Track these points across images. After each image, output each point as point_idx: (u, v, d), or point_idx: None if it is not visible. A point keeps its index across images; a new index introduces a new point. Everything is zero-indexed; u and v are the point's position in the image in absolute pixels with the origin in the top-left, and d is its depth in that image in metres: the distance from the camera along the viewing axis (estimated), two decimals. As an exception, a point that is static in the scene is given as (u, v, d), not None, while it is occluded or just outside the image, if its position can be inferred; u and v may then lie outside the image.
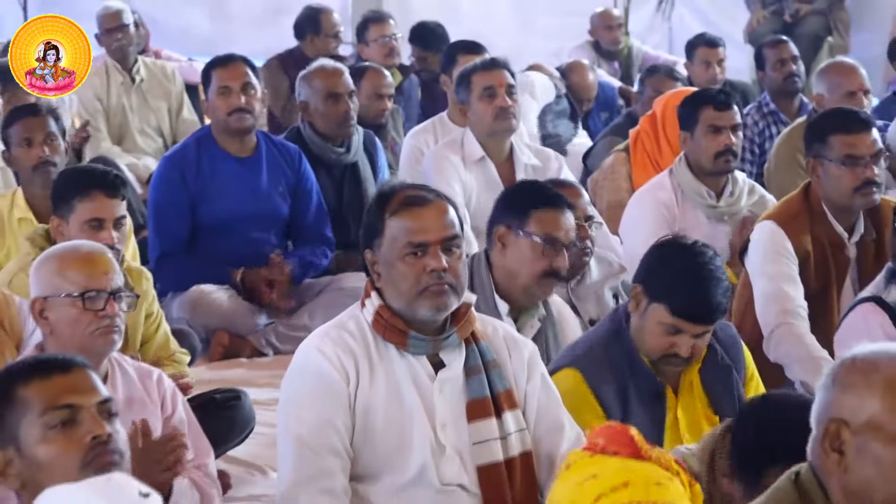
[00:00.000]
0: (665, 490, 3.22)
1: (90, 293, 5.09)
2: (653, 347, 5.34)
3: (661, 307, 5.28)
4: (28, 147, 7.64)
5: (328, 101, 8.84)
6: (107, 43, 11.37)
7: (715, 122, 7.69)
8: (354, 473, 4.87)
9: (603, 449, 3.30)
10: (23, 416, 3.79)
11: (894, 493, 3.54)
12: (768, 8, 13.99)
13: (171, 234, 8.30)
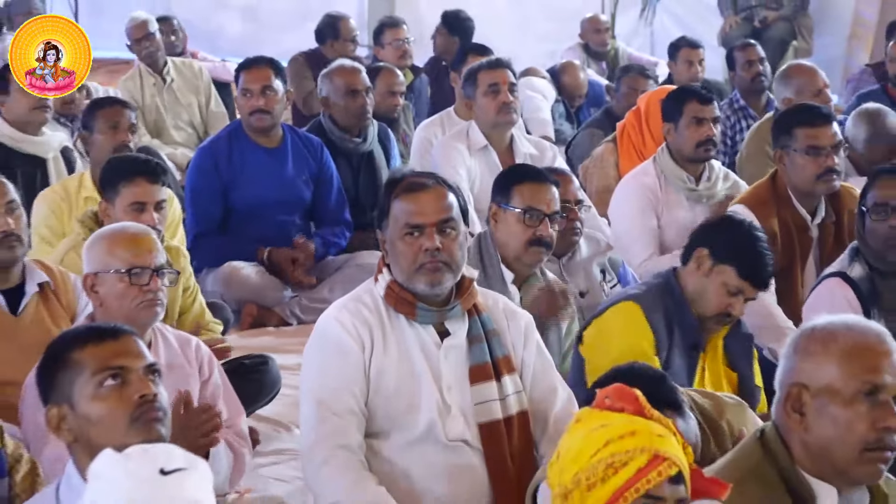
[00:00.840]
0: (665, 441, 3.25)
1: (136, 270, 5.10)
2: (712, 305, 5.39)
3: (729, 269, 5.33)
4: (113, 131, 7.62)
5: (347, 97, 8.85)
6: (137, 50, 11.37)
7: (698, 114, 7.70)
8: (369, 431, 4.88)
9: (610, 406, 3.32)
10: (77, 376, 3.79)
11: (849, 449, 3.56)
12: (740, 14, 13.98)
13: (206, 216, 8.30)
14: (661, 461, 3.21)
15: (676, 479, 3.22)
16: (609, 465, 3.21)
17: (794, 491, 3.61)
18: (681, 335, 5.40)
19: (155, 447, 3.07)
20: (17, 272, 5.73)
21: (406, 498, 4.81)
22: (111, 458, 3.05)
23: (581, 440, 3.28)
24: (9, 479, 4.32)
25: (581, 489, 3.23)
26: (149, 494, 2.94)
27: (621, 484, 3.19)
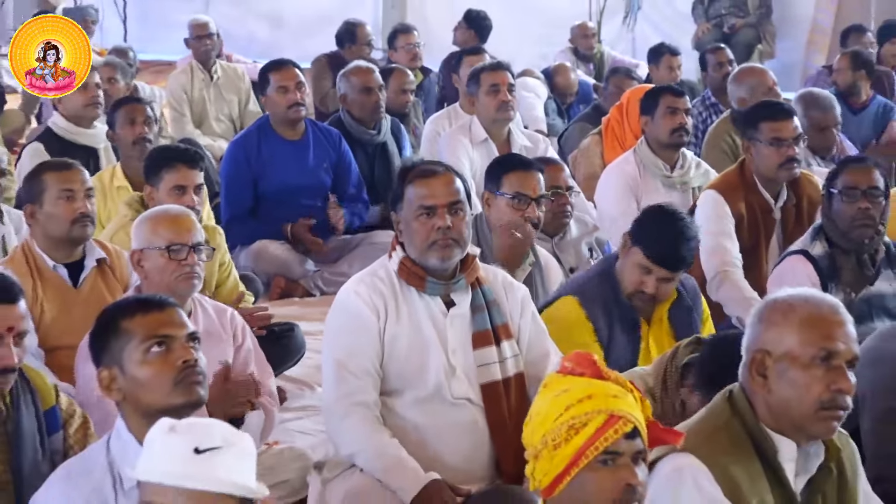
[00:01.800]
0: (620, 401, 3.24)
1: (174, 246, 5.11)
2: (627, 283, 5.36)
3: (638, 249, 5.31)
4: (131, 126, 7.63)
5: (362, 94, 8.88)
6: (195, 46, 11.37)
7: (672, 104, 7.73)
8: (383, 389, 4.88)
9: (571, 371, 3.31)
10: (126, 343, 3.78)
11: (806, 408, 3.56)
12: (711, 21, 13.99)
13: (238, 201, 8.32)
14: (617, 420, 3.20)
15: (632, 435, 3.21)
16: (570, 426, 3.20)
17: (758, 444, 3.61)
18: (620, 316, 5.38)
19: (199, 424, 3.09)
20: (80, 249, 5.75)
21: (416, 449, 4.81)
22: (160, 430, 3.06)
23: (547, 404, 3.27)
24: (63, 433, 4.31)
25: (548, 449, 3.22)
26: (181, 470, 2.95)
27: (582, 443, 3.18)
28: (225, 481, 2.97)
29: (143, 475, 2.95)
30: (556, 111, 11.33)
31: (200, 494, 2.95)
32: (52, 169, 5.83)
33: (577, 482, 3.20)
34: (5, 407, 4.23)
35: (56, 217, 5.67)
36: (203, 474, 2.95)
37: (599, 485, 3.19)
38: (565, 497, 3.22)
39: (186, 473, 2.95)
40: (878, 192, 5.89)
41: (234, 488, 2.97)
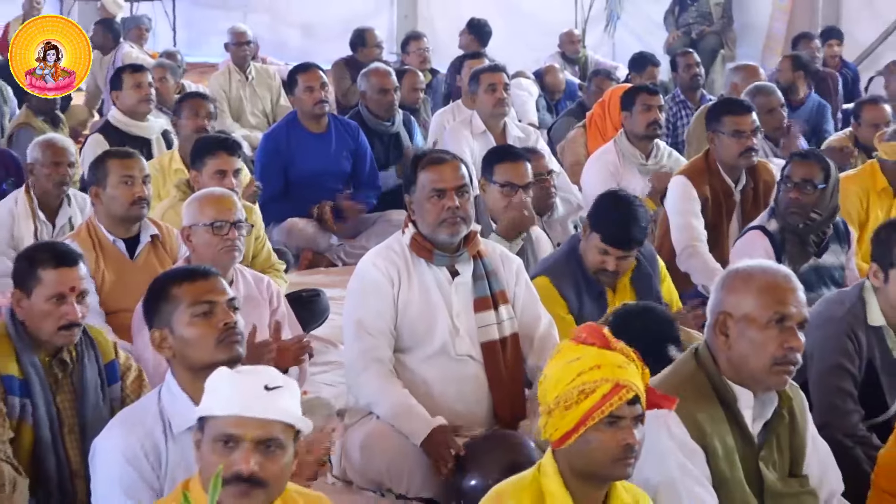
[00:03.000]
0: (625, 371, 3.26)
1: (218, 223, 5.10)
2: (590, 262, 5.34)
3: (597, 235, 5.29)
4: (195, 117, 7.63)
5: (380, 94, 8.86)
6: (234, 51, 11.35)
7: (647, 102, 7.73)
8: (396, 347, 4.88)
9: (584, 340, 3.33)
10: (175, 307, 3.78)
11: (762, 363, 3.57)
12: (680, 29, 13.96)
13: (271, 184, 8.29)
14: (621, 388, 3.22)
15: (633, 401, 3.23)
16: (581, 391, 3.22)
17: (721, 394, 3.62)
18: (587, 289, 5.36)
19: (260, 368, 3.14)
20: (136, 226, 5.75)
21: (425, 399, 4.81)
22: (226, 375, 3.07)
23: (560, 369, 3.29)
24: (121, 384, 4.32)
25: (560, 409, 3.24)
26: (256, 403, 2.98)
27: (590, 406, 3.20)
28: (288, 413, 3.02)
29: (222, 409, 2.96)
30: (545, 107, 11.31)
31: (271, 423, 2.98)
32: (115, 157, 5.84)
33: (583, 439, 3.22)
34: (71, 360, 4.24)
35: (117, 199, 5.67)
36: (273, 407, 2.99)
37: (603, 443, 3.22)
38: (572, 450, 3.25)
39: (261, 406, 2.98)
40: (810, 185, 5.84)
41: (294, 420, 3.02)
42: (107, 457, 3.60)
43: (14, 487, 3.94)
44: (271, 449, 2.99)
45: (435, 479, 4.74)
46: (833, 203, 5.95)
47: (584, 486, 3.27)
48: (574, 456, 3.24)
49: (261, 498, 2.99)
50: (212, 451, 2.99)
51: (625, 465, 3.23)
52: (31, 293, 4.18)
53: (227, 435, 2.98)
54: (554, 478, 3.26)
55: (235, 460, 2.95)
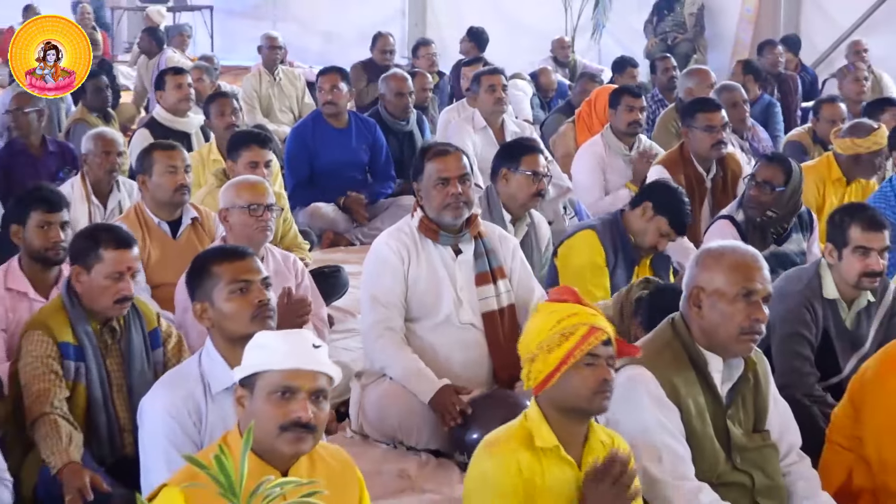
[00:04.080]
0: (598, 318, 3.27)
1: (253, 205, 5.08)
2: (648, 241, 5.35)
3: (664, 220, 5.30)
4: (222, 116, 7.64)
5: (397, 97, 8.86)
6: (267, 55, 11.30)
7: (630, 103, 7.69)
8: (407, 317, 4.87)
9: (558, 299, 3.33)
10: (215, 284, 3.76)
11: (730, 332, 3.57)
12: (658, 37, 13.96)
13: (298, 174, 8.31)
14: (597, 330, 3.23)
15: (607, 342, 3.25)
16: (561, 334, 3.22)
17: (694, 359, 3.61)
18: (623, 254, 5.36)
19: (301, 331, 3.14)
20: (179, 210, 5.74)
21: (432, 362, 4.81)
22: (273, 335, 3.06)
23: (541, 320, 3.29)
24: (163, 349, 4.32)
25: (543, 352, 3.23)
26: (310, 358, 2.98)
27: (571, 347, 3.21)
28: (331, 367, 3.02)
29: (279, 364, 2.94)
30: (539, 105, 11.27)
31: (320, 376, 2.98)
32: (159, 149, 5.83)
33: (564, 378, 3.22)
34: (119, 328, 4.24)
35: (162, 186, 5.66)
36: (321, 361, 2.99)
37: (583, 380, 3.21)
38: (555, 390, 3.24)
39: (314, 361, 2.97)
40: (769, 186, 5.78)
41: (335, 373, 3.02)
42: (153, 414, 3.60)
43: (70, 440, 3.94)
44: (319, 399, 2.98)
45: (441, 433, 4.76)
46: (791, 204, 5.86)
47: (567, 423, 3.26)
48: (557, 395, 3.24)
49: (311, 443, 2.98)
50: (267, 402, 2.95)
51: (603, 398, 3.23)
52: (90, 270, 4.17)
53: (286, 387, 2.94)
54: (538, 419, 3.26)
55: (294, 409, 2.92)
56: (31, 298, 4.74)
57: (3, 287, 4.76)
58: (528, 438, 3.25)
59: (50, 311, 4.21)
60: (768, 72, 10.84)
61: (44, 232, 4.77)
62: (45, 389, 4.02)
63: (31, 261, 4.81)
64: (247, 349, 3.02)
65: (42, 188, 5.10)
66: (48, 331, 4.11)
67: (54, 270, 4.83)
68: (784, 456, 3.76)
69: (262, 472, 2.71)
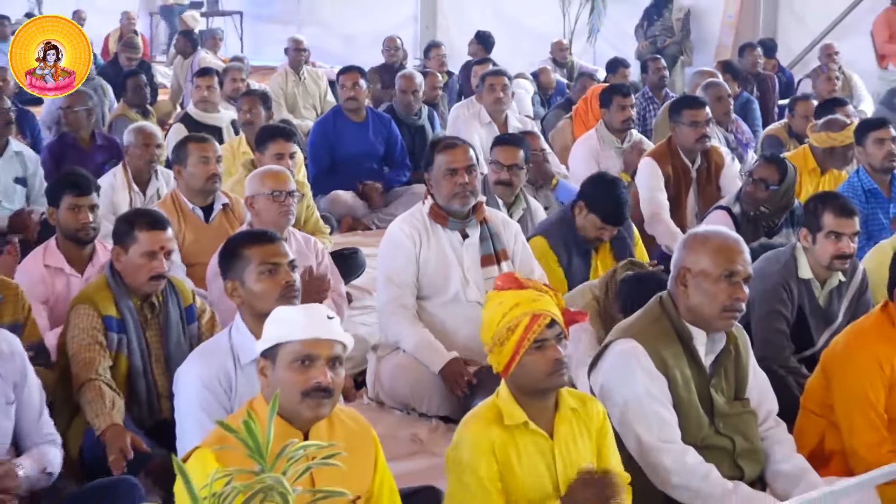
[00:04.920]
0: (539, 303, 3.23)
1: (276, 192, 5.08)
2: (591, 234, 5.28)
3: (596, 217, 5.23)
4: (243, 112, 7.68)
5: (405, 95, 8.90)
6: (293, 56, 11.25)
7: (621, 102, 7.65)
8: (418, 295, 4.89)
9: (501, 287, 3.30)
10: (246, 265, 3.75)
11: (713, 310, 3.55)
12: (648, 39, 13.89)
13: (320, 164, 8.31)
14: (539, 317, 3.19)
15: (551, 325, 3.21)
16: (508, 328, 3.20)
17: (680, 333, 3.59)
18: (576, 249, 5.30)
19: (315, 305, 3.12)
20: (211, 196, 5.73)
21: (441, 337, 4.82)
22: (291, 309, 3.06)
23: (490, 314, 3.26)
24: (197, 323, 4.31)
25: (497, 345, 3.22)
26: (327, 328, 2.97)
27: (518, 338, 3.18)
28: (345, 335, 3.02)
29: (299, 335, 2.94)
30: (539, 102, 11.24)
31: (336, 344, 2.98)
32: (193, 141, 5.83)
33: (521, 365, 3.20)
34: (158, 303, 4.24)
35: (195, 175, 5.66)
36: (336, 331, 2.98)
37: (536, 364, 3.20)
38: (516, 375, 3.23)
39: (330, 330, 2.97)
40: (764, 184, 5.74)
41: (348, 340, 3.02)
42: (188, 382, 3.60)
43: (113, 405, 3.94)
44: (336, 365, 2.97)
45: (450, 401, 4.76)
46: (784, 202, 5.81)
47: (533, 400, 3.24)
48: (518, 379, 3.22)
49: (330, 406, 2.97)
50: (289, 370, 2.93)
51: (559, 375, 3.21)
52: (128, 250, 4.18)
53: (305, 355, 2.93)
54: (507, 399, 3.24)
55: (314, 375, 2.92)
56: (67, 274, 4.78)
57: (42, 263, 4.79)
58: (498, 417, 3.23)
59: (96, 287, 4.22)
60: (748, 72, 10.82)
61: (74, 214, 4.79)
62: (90, 358, 4.02)
63: (65, 240, 4.84)
64: (267, 323, 3.01)
65: (73, 173, 5.09)
66: (94, 305, 4.11)
67: (88, 248, 4.86)
68: (762, 422, 3.74)
69: (286, 435, 2.71)
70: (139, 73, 9.79)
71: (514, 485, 3.19)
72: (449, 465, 3.25)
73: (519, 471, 3.19)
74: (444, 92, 10.75)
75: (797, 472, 3.67)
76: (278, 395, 2.37)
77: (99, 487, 3.59)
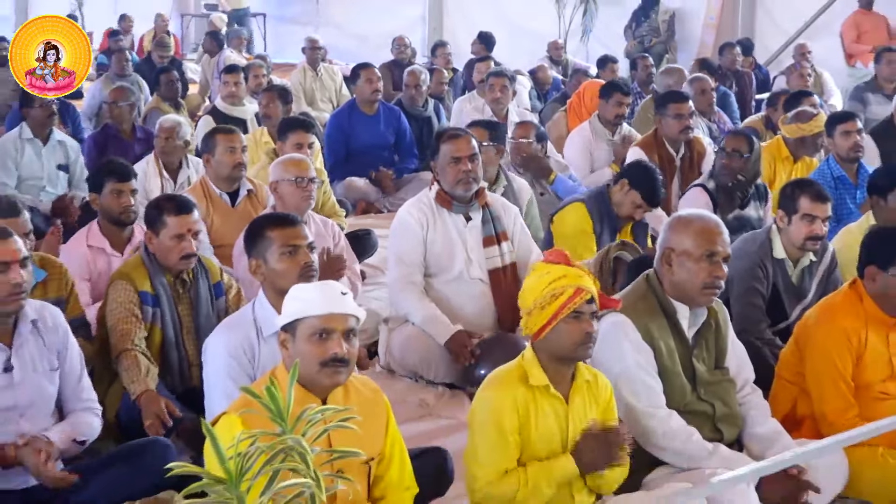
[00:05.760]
0: (583, 280, 3.23)
1: (298, 178, 5.06)
2: (627, 211, 5.27)
3: (637, 194, 5.23)
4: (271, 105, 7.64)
5: (406, 87, 8.92)
6: (309, 54, 11.21)
7: (619, 100, 7.65)
8: (426, 273, 4.87)
9: (551, 261, 3.28)
10: (269, 245, 3.73)
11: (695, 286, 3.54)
12: (636, 40, 13.86)
13: (336, 153, 8.27)
14: (582, 291, 3.18)
15: (590, 301, 3.21)
16: (552, 294, 3.18)
17: (665, 308, 3.58)
18: (607, 222, 5.31)
19: (330, 282, 3.10)
20: (237, 183, 5.71)
21: (447, 311, 4.80)
22: (308, 287, 3.05)
23: (536, 280, 3.25)
24: (224, 298, 4.30)
25: (537, 308, 3.20)
26: (341, 303, 2.96)
27: (560, 305, 3.17)
28: (358, 309, 3.00)
29: (317, 310, 2.92)
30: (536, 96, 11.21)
31: (350, 317, 2.96)
32: (221, 132, 5.80)
33: (555, 331, 3.19)
34: (189, 280, 4.23)
35: (223, 164, 5.64)
36: (350, 305, 2.97)
37: (570, 333, 3.19)
38: (547, 340, 3.22)
39: (344, 305, 2.96)
40: (738, 153, 5.76)
41: (361, 314, 3.01)
42: (215, 352, 3.59)
43: (148, 372, 3.94)
44: (350, 337, 2.96)
45: (455, 369, 4.75)
46: (755, 169, 5.86)
47: (556, 366, 3.24)
48: (549, 344, 3.21)
49: (346, 375, 2.96)
50: (308, 343, 2.92)
51: (586, 347, 3.21)
52: (159, 233, 4.17)
53: (323, 329, 2.92)
54: (532, 362, 3.24)
55: (331, 347, 2.90)
56: (108, 253, 4.78)
57: (86, 244, 4.80)
58: (523, 377, 3.23)
59: (132, 265, 4.21)
60: (728, 69, 10.78)
61: (116, 198, 4.79)
62: (127, 330, 4.02)
63: (107, 223, 4.84)
64: (286, 300, 3.00)
65: (113, 162, 5.09)
66: (131, 281, 4.11)
67: (127, 230, 4.86)
68: (740, 389, 3.73)
69: (306, 401, 2.70)
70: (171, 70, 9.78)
71: (529, 440, 3.20)
72: (473, 416, 3.25)
73: (535, 428, 3.20)
74: (449, 87, 10.73)
75: (772, 435, 3.66)
76: (298, 364, 2.37)
77: (135, 447, 3.59)
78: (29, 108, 7.00)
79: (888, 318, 3.90)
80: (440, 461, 3.53)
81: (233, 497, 2.02)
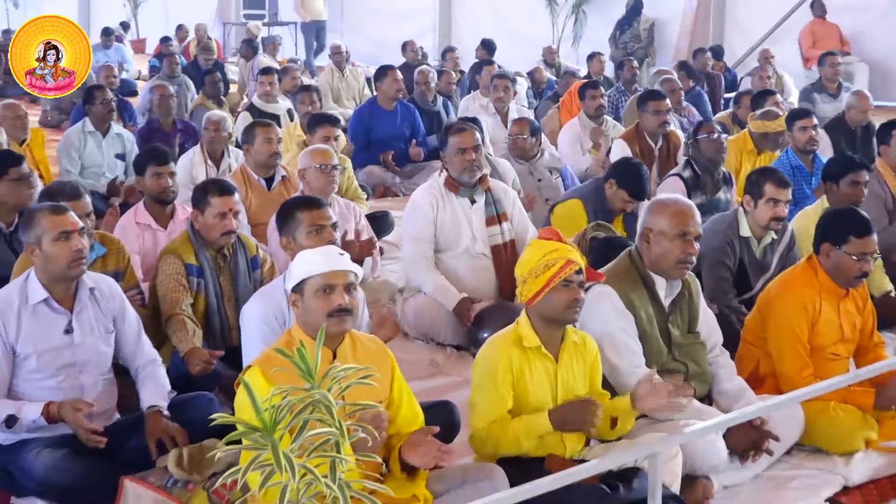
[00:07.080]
0: (572, 253, 3.21)
1: (324, 166, 5.02)
2: (617, 206, 5.11)
3: (624, 192, 5.07)
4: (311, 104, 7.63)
5: (420, 85, 8.84)
6: (335, 58, 11.19)
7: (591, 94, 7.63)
8: (436, 249, 4.85)
9: (545, 237, 3.27)
10: (298, 225, 3.73)
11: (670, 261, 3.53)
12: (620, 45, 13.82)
13: (358, 144, 8.24)
14: (571, 263, 3.16)
15: (579, 272, 3.19)
16: (545, 265, 3.17)
17: (645, 280, 3.57)
18: (602, 215, 5.19)
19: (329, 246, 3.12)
20: (273, 169, 5.68)
21: (454, 281, 4.79)
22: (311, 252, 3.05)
23: (531, 253, 3.23)
24: (259, 271, 4.28)
25: (532, 277, 3.19)
26: (340, 262, 2.95)
27: (552, 274, 3.15)
28: (354, 266, 2.99)
29: (320, 269, 2.91)
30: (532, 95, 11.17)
31: (349, 273, 2.95)
32: (260, 126, 5.77)
33: (547, 297, 3.17)
34: (229, 254, 4.21)
35: (260, 153, 5.63)
36: (348, 263, 2.97)
37: (560, 298, 3.17)
38: (539, 305, 3.20)
39: (343, 263, 2.95)
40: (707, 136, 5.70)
41: (359, 270, 3.00)
42: (251, 318, 3.58)
43: (194, 333, 3.94)
44: (351, 290, 2.95)
45: (461, 332, 4.74)
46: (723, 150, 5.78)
47: (548, 329, 3.22)
48: (541, 309, 3.19)
49: (350, 323, 2.95)
50: (315, 298, 2.92)
51: (574, 312, 3.18)
52: (203, 212, 4.15)
53: (326, 285, 2.91)
54: (526, 325, 3.22)
55: (335, 299, 2.90)
56: (154, 229, 4.77)
57: (134, 221, 4.79)
58: (518, 339, 3.21)
59: (180, 241, 4.20)
60: (700, 71, 10.71)
61: (157, 180, 4.77)
62: (176, 298, 4.01)
63: (151, 202, 4.82)
64: (292, 265, 3.00)
65: (154, 148, 5.07)
66: (178, 255, 4.10)
67: (168, 207, 4.84)
68: (710, 350, 3.72)
69: (318, 352, 2.70)
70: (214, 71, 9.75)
71: (521, 395, 3.19)
72: (474, 372, 3.24)
73: (528, 384, 3.19)
74: (457, 87, 10.69)
75: (737, 391, 3.66)
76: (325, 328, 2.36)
77: (183, 401, 3.59)
78: (91, 105, 7.01)
79: (839, 289, 3.89)
80: (448, 413, 3.52)
81: (267, 444, 2.01)
